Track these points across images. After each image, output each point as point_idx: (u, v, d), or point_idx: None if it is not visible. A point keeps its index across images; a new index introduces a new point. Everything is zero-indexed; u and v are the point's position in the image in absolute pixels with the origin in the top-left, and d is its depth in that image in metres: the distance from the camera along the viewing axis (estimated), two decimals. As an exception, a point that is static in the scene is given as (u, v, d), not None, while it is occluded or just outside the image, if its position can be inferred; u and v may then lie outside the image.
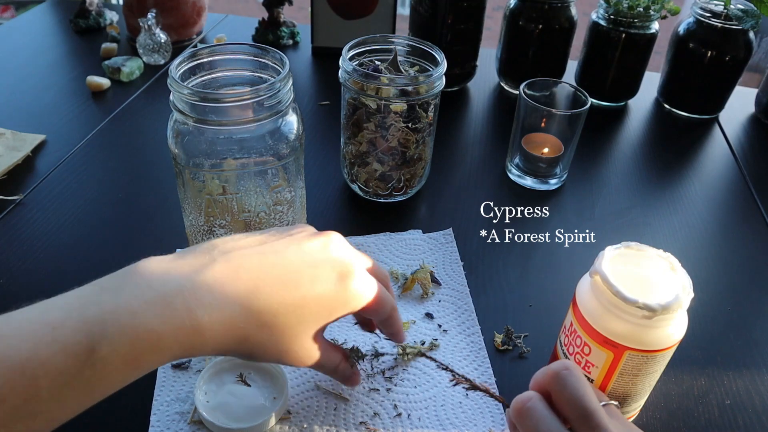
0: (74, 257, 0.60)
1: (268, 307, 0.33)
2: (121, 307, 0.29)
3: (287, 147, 0.46)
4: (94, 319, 0.28)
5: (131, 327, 0.28)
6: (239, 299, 0.32)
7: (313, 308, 0.34)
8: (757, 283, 0.62)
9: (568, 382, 0.34)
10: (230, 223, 0.48)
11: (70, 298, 0.30)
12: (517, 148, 0.73)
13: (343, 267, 0.35)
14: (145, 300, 0.29)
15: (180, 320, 0.30)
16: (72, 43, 1.04)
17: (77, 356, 0.27)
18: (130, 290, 0.30)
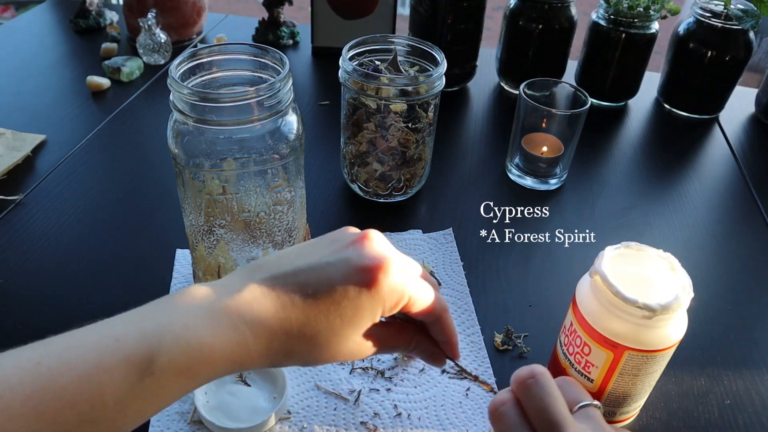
0: (74, 257, 0.60)
1: (304, 318, 0.33)
2: (174, 321, 0.31)
3: (287, 147, 0.46)
4: (152, 331, 0.30)
5: (184, 339, 0.31)
6: (276, 313, 0.33)
7: (349, 312, 0.34)
8: (757, 283, 0.62)
9: (533, 392, 0.34)
10: (230, 223, 0.48)
11: (130, 315, 0.32)
12: (517, 148, 0.73)
13: (375, 265, 0.35)
14: (195, 315, 0.32)
15: (227, 335, 0.32)
16: (72, 43, 1.04)
17: (138, 365, 0.29)
18: (182, 307, 0.32)
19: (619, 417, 0.46)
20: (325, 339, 0.34)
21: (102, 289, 0.57)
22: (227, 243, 0.48)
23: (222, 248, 0.49)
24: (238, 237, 0.49)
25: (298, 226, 0.51)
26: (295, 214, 0.50)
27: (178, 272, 0.58)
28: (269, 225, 0.48)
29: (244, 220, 0.48)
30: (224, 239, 0.48)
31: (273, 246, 0.50)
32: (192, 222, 0.48)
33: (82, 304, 0.55)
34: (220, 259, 0.49)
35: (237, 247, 0.49)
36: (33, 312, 0.54)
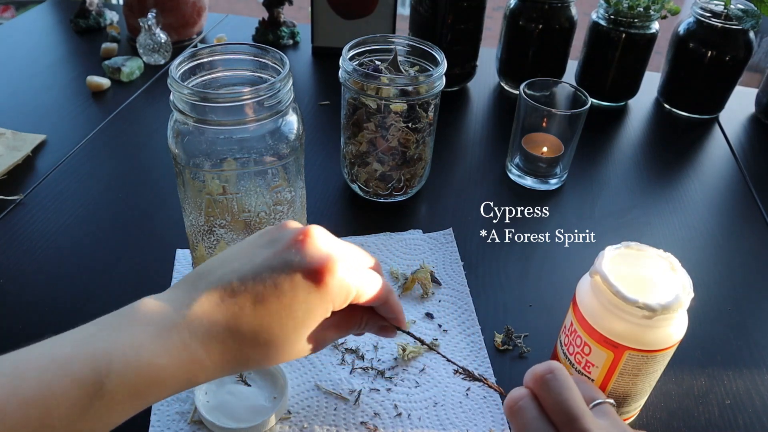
0: (74, 257, 0.60)
1: (257, 326, 0.33)
2: (124, 342, 0.31)
3: (287, 147, 0.46)
4: (101, 353, 0.30)
5: (135, 360, 0.30)
6: (227, 325, 0.33)
7: (300, 316, 0.35)
8: (757, 283, 0.62)
9: (552, 386, 0.34)
10: (230, 223, 0.48)
11: (78, 334, 0.31)
12: (517, 148, 0.73)
13: (320, 265, 0.35)
14: (146, 335, 0.31)
15: (178, 354, 0.31)
16: (72, 43, 1.04)
17: (87, 389, 0.29)
18: (131, 327, 0.32)
19: (620, 416, 0.46)
20: (281, 342, 0.35)
21: (102, 289, 0.57)
22: (227, 243, 0.48)
23: (222, 248, 0.49)
24: (239, 237, 0.49)
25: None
26: (296, 214, 0.50)
27: (178, 272, 0.58)
28: (269, 225, 0.48)
29: (245, 220, 0.48)
30: (224, 239, 0.48)
31: None
32: (192, 222, 0.49)
33: (82, 303, 0.55)
34: None
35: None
36: (33, 312, 0.54)
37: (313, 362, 0.50)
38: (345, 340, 0.52)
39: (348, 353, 0.51)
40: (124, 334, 0.31)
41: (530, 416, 0.34)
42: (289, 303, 0.34)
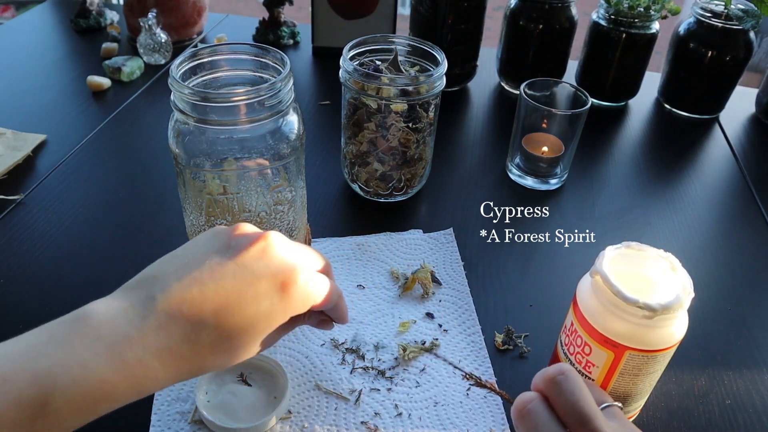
0: (74, 257, 0.60)
1: (216, 336, 0.33)
2: (71, 359, 0.29)
3: (288, 147, 0.46)
4: (45, 371, 0.28)
5: (83, 378, 0.29)
6: (186, 336, 0.32)
7: (261, 325, 0.34)
8: (757, 283, 0.62)
9: (564, 387, 0.34)
10: (231, 223, 0.48)
11: (20, 347, 0.29)
12: (518, 148, 0.73)
13: (284, 275, 0.34)
14: (95, 351, 0.29)
15: (131, 369, 0.30)
16: (72, 43, 1.04)
17: (31, 408, 0.27)
18: (80, 341, 0.30)
19: (620, 417, 0.46)
20: (239, 349, 0.34)
21: (102, 289, 0.56)
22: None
23: None
24: None
25: (299, 225, 0.51)
26: (296, 213, 0.50)
27: (178, 272, 0.58)
28: (270, 225, 0.48)
29: (245, 220, 0.48)
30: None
31: None
32: (193, 222, 0.49)
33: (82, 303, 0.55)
34: None
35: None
36: (33, 312, 0.54)
37: (314, 362, 0.50)
38: (345, 339, 0.52)
39: (348, 353, 0.51)
40: (71, 348, 0.29)
41: (541, 418, 0.33)
42: (253, 313, 0.33)
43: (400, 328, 0.54)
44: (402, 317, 0.55)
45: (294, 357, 0.51)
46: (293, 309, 0.36)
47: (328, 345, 0.52)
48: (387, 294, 0.57)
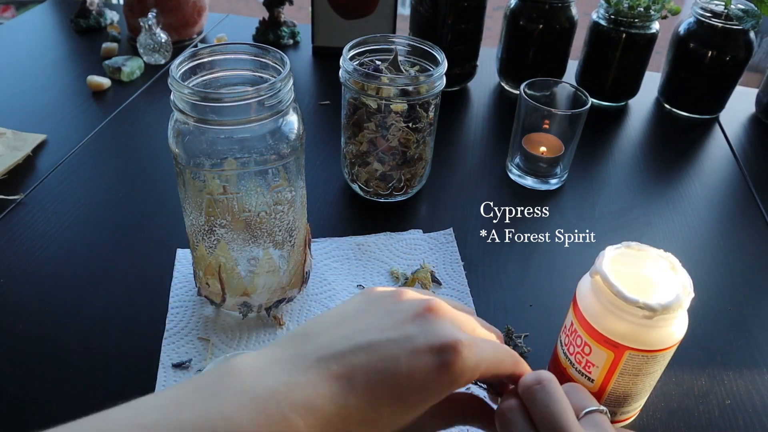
0: (75, 257, 0.60)
1: (364, 402, 0.30)
2: (214, 411, 0.28)
3: (288, 147, 0.46)
4: (188, 423, 0.27)
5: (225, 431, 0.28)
6: (333, 397, 0.30)
7: (415, 399, 0.32)
8: (757, 283, 0.62)
9: (539, 398, 0.33)
10: (231, 223, 0.48)
11: (164, 399, 0.29)
12: (518, 148, 0.73)
13: (446, 350, 0.32)
14: (240, 404, 0.28)
15: (275, 425, 0.28)
16: (72, 43, 1.04)
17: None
18: (224, 393, 0.29)
19: (620, 417, 0.46)
20: (387, 423, 0.31)
21: (102, 289, 0.57)
22: (228, 243, 0.49)
23: (223, 248, 0.49)
24: (239, 237, 0.49)
25: (299, 225, 0.51)
26: (296, 213, 0.50)
27: (178, 272, 0.58)
28: (270, 225, 0.48)
29: (245, 220, 0.48)
30: (225, 239, 0.48)
31: (273, 246, 0.50)
32: (192, 222, 0.49)
33: (82, 303, 0.55)
34: (220, 258, 0.49)
35: (238, 246, 0.49)
36: (33, 312, 0.54)
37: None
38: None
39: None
40: (216, 400, 0.28)
41: (518, 429, 0.33)
42: (405, 383, 0.31)
43: (400, 328, 0.54)
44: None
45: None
46: (450, 387, 0.32)
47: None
48: (387, 294, 0.57)
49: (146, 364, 0.49)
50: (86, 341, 0.51)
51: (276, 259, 0.51)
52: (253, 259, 0.51)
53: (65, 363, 0.49)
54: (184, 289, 0.56)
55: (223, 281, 0.50)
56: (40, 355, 0.50)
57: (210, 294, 0.52)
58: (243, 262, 0.51)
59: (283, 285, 0.52)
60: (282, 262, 0.51)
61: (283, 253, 0.51)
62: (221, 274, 0.50)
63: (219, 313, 0.54)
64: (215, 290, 0.51)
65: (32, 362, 0.49)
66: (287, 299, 0.54)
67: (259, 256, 0.50)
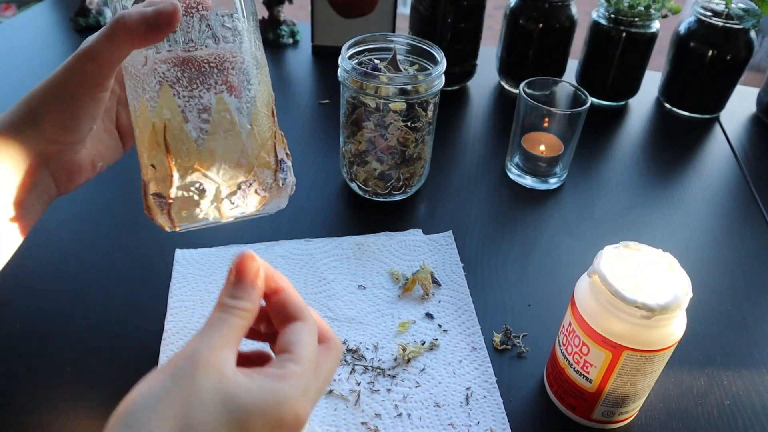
0: (73, 256, 0.60)
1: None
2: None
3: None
4: None
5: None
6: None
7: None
8: (757, 283, 0.62)
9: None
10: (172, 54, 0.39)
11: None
12: (517, 148, 0.73)
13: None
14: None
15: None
16: (72, 42, 1.04)
17: None
18: None
19: (618, 417, 0.46)
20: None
21: (101, 289, 0.57)
22: (171, 85, 0.39)
23: (166, 94, 0.39)
24: (184, 75, 0.39)
25: (256, 76, 0.41)
26: (248, 55, 0.41)
27: (177, 272, 0.58)
28: (219, 59, 0.40)
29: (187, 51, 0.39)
30: (168, 80, 0.39)
31: (227, 90, 0.40)
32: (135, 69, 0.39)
33: (81, 303, 0.55)
34: (164, 113, 0.39)
35: (183, 91, 0.39)
36: (32, 312, 0.54)
37: (312, 362, 0.50)
38: (345, 339, 0.52)
39: (348, 353, 0.51)
40: None
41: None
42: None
43: (399, 329, 0.54)
44: (402, 317, 0.55)
45: (292, 357, 0.51)
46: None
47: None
48: (387, 294, 0.57)
49: (146, 364, 0.49)
50: (85, 341, 0.51)
51: (234, 111, 0.40)
52: (205, 111, 0.39)
53: (64, 363, 0.49)
54: (183, 289, 0.56)
55: (170, 147, 0.38)
56: (38, 355, 0.50)
57: (157, 182, 0.40)
58: (193, 118, 0.39)
59: (248, 156, 0.40)
60: (242, 119, 0.40)
61: (242, 106, 0.40)
62: (167, 140, 0.38)
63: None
64: (163, 171, 0.39)
65: (31, 362, 0.49)
66: (256, 187, 0.41)
67: (211, 105, 0.39)
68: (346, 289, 0.57)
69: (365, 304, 0.56)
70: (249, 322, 0.31)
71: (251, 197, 0.41)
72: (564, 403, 0.47)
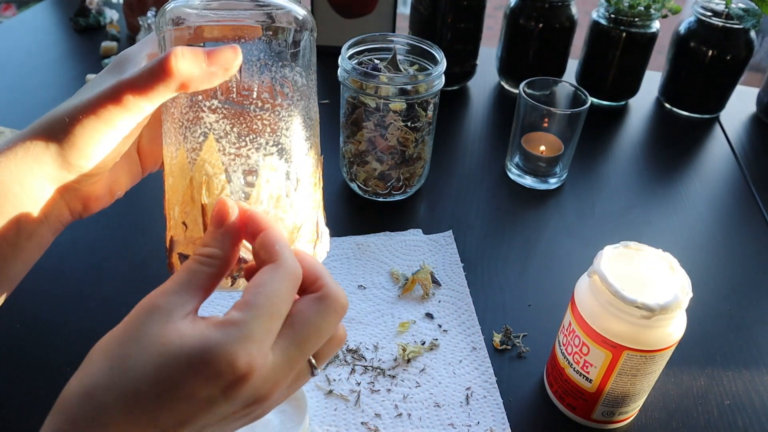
0: (73, 256, 0.60)
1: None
2: None
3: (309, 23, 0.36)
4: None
5: None
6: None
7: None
8: (757, 283, 0.62)
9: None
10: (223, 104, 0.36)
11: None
12: (517, 148, 0.73)
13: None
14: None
15: None
16: (72, 42, 1.04)
17: None
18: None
19: (618, 417, 0.46)
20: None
21: (101, 289, 0.57)
22: (218, 139, 0.35)
23: (210, 148, 0.35)
24: (233, 130, 0.35)
25: (308, 138, 0.38)
26: (308, 115, 0.38)
27: (177, 271, 0.58)
28: (273, 116, 0.36)
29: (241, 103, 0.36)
30: (214, 132, 0.35)
31: (278, 152, 0.36)
32: (172, 111, 0.36)
33: (80, 303, 0.55)
34: (206, 168, 0.35)
35: (230, 146, 0.35)
36: (32, 311, 0.54)
37: (312, 362, 0.50)
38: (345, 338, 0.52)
39: (348, 353, 0.51)
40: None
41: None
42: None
43: (399, 328, 0.54)
44: (402, 317, 0.55)
45: (292, 356, 0.51)
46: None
47: (326, 344, 0.52)
48: (387, 294, 0.57)
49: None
50: (85, 341, 0.51)
51: (281, 177, 0.35)
52: (251, 174, 0.36)
53: (63, 363, 0.49)
54: (182, 289, 0.56)
55: (207, 209, 0.35)
56: (38, 355, 0.50)
57: (187, 243, 0.38)
58: (236, 179, 0.35)
59: (289, 229, 0.36)
60: (289, 186, 0.36)
61: (291, 172, 0.36)
62: (205, 200, 0.35)
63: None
64: (195, 233, 0.36)
65: (30, 362, 0.49)
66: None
67: (258, 167, 0.35)
68: (346, 289, 0.57)
69: (365, 304, 0.56)
70: (217, 269, 0.30)
71: None
72: (564, 403, 0.47)
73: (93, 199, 0.39)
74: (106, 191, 0.40)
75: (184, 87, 0.31)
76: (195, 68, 0.30)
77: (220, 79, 0.32)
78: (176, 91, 0.31)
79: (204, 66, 0.30)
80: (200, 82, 0.31)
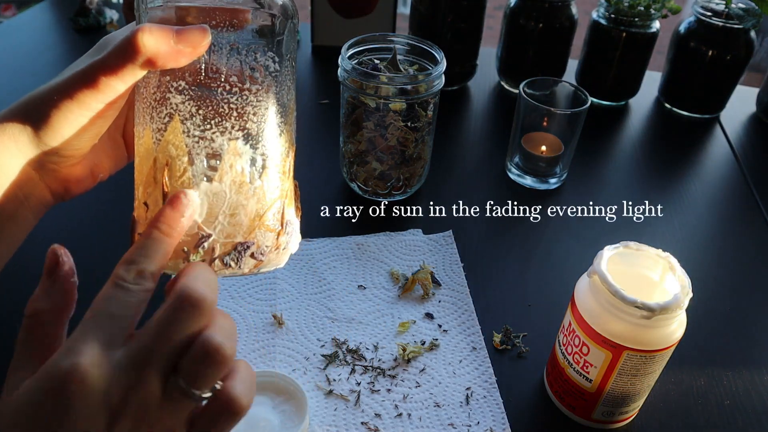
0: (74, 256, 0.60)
1: None
2: None
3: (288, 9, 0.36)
4: None
5: None
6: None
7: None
8: (757, 283, 0.62)
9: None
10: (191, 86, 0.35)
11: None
12: (517, 148, 0.73)
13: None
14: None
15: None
16: (72, 42, 1.04)
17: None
18: None
19: (618, 417, 0.46)
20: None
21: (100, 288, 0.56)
22: (182, 121, 0.35)
23: (175, 129, 0.35)
24: (199, 113, 0.35)
25: (279, 126, 0.37)
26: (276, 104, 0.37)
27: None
28: (241, 100, 0.35)
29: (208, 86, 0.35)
30: (180, 113, 0.35)
31: (243, 137, 0.35)
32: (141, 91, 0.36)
33: (79, 302, 0.55)
34: (169, 150, 0.35)
35: (194, 129, 0.35)
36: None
37: (313, 362, 0.50)
38: (346, 338, 0.52)
39: (348, 353, 0.51)
40: None
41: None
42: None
43: (399, 329, 0.54)
44: (402, 318, 0.55)
45: (293, 357, 0.51)
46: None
47: (328, 345, 0.52)
48: (387, 294, 0.57)
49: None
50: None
51: (245, 163, 0.35)
52: (214, 157, 0.35)
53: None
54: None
55: (167, 186, 0.35)
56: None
57: (145, 225, 0.38)
58: (199, 161, 0.35)
59: (251, 216, 0.35)
60: (253, 173, 0.35)
61: (256, 158, 0.35)
62: (166, 181, 0.35)
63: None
64: (154, 212, 0.37)
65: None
66: (254, 251, 0.36)
67: (222, 151, 0.35)
68: (346, 289, 0.57)
69: (365, 304, 0.56)
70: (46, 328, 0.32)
71: (246, 260, 0.36)
72: (564, 403, 0.47)
73: (74, 182, 0.40)
74: (88, 174, 0.41)
75: (152, 63, 0.31)
76: (162, 44, 0.30)
77: (187, 59, 0.32)
78: (143, 67, 0.31)
79: (172, 43, 0.30)
80: (167, 59, 0.31)
